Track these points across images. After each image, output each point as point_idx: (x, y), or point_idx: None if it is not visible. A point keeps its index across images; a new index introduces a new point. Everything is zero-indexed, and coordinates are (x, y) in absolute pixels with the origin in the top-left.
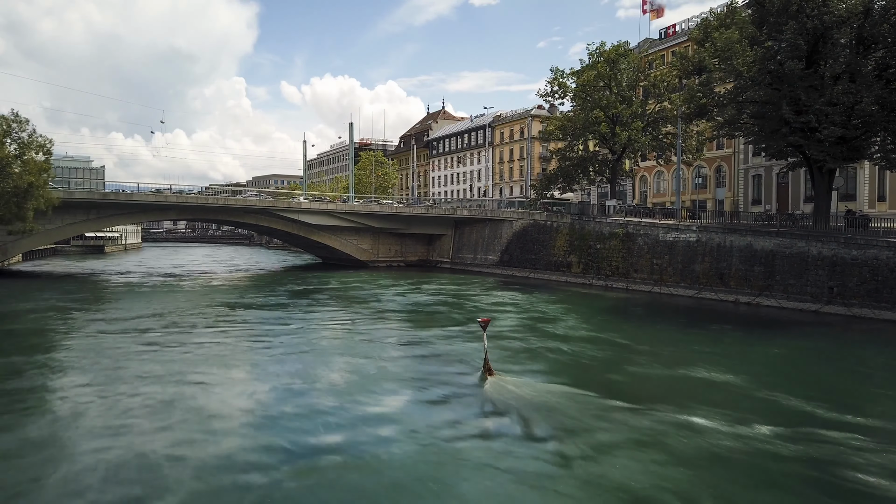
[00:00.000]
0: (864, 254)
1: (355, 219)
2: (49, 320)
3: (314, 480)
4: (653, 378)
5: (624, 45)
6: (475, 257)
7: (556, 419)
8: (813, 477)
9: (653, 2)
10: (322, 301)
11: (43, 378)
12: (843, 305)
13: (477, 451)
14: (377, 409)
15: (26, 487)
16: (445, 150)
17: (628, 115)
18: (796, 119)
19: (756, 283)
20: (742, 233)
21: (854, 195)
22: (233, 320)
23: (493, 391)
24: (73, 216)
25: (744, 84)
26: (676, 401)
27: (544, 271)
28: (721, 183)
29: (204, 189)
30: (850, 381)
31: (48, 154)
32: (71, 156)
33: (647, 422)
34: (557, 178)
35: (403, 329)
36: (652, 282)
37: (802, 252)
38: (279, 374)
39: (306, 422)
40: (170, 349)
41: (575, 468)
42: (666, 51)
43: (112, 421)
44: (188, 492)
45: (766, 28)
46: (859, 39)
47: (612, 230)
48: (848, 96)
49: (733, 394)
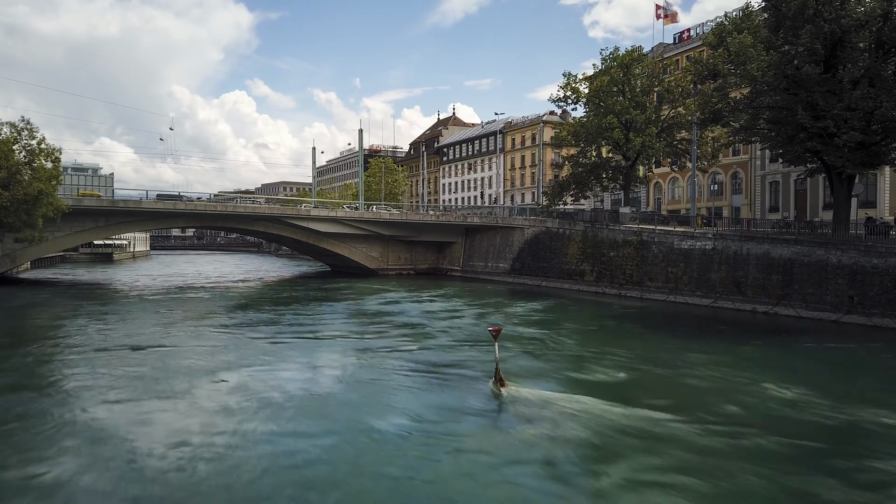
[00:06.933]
0: (885, 262)
1: (364, 226)
2: (69, 334)
3: (320, 489)
4: (665, 388)
5: (638, 49)
6: (486, 265)
7: (570, 430)
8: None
9: (667, 7)
10: (333, 310)
11: (78, 397)
12: (863, 315)
13: (487, 462)
14: (385, 419)
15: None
16: (456, 157)
17: (642, 121)
18: (814, 124)
19: (774, 292)
20: (759, 240)
21: (874, 202)
22: (242, 332)
23: (504, 402)
24: (81, 224)
25: (760, 89)
26: (693, 411)
27: (556, 280)
28: (737, 189)
29: (212, 196)
30: (879, 392)
31: (57, 161)
32: (80, 163)
33: (659, 432)
34: (570, 185)
35: (413, 338)
36: (667, 290)
37: (821, 260)
38: (287, 382)
39: (315, 430)
40: (192, 358)
41: (589, 481)
42: (680, 55)
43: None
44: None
45: (783, 32)
46: (878, 43)
47: (625, 238)
48: (867, 101)
49: (758, 405)
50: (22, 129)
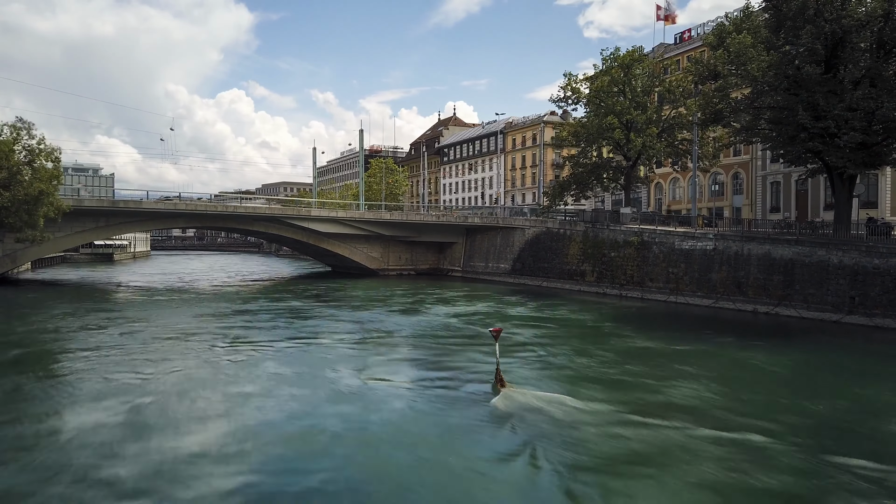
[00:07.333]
0: (886, 263)
1: (365, 226)
2: (71, 334)
3: (321, 489)
4: (666, 389)
5: (638, 50)
6: (487, 265)
7: (570, 432)
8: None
9: (667, 8)
10: (334, 311)
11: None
12: (865, 315)
13: (488, 464)
14: (385, 420)
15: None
16: (456, 157)
17: (643, 121)
18: (815, 125)
19: (775, 293)
20: (760, 241)
21: (875, 202)
22: (242, 333)
23: (505, 403)
24: (82, 224)
25: (760, 89)
26: (695, 414)
27: (557, 280)
28: (738, 190)
29: (213, 196)
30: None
31: (57, 161)
32: (80, 163)
33: (662, 435)
34: (571, 185)
35: (413, 338)
36: (668, 291)
37: (823, 261)
38: (290, 382)
39: (315, 430)
40: (197, 359)
41: (589, 482)
42: (681, 56)
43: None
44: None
45: (783, 32)
46: (879, 43)
47: (626, 238)
48: (868, 101)
49: (758, 406)
50: (22, 130)
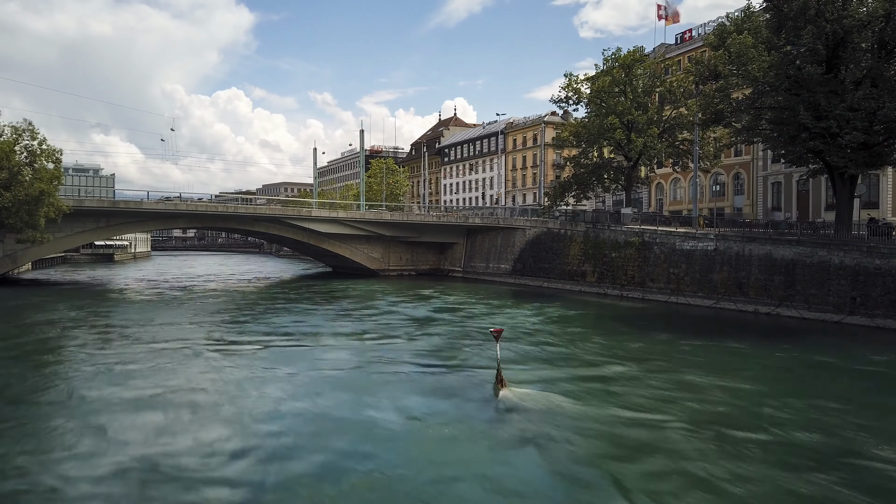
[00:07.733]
0: (887, 263)
1: (366, 227)
2: (70, 336)
3: (321, 489)
4: (667, 390)
5: (639, 50)
6: (487, 266)
7: (571, 432)
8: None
9: (668, 7)
10: (335, 311)
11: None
12: (866, 316)
13: (488, 464)
14: (386, 420)
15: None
16: (457, 158)
17: (644, 122)
18: (816, 125)
19: (776, 293)
20: (761, 241)
21: (877, 203)
22: (242, 334)
23: (506, 403)
24: (83, 224)
25: (761, 89)
26: (694, 413)
27: (558, 280)
28: (739, 190)
29: (213, 197)
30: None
31: (58, 162)
32: (81, 164)
33: (660, 433)
34: (571, 186)
35: (414, 338)
36: (669, 291)
37: (824, 261)
38: (290, 381)
39: (315, 432)
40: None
41: (589, 482)
42: (682, 56)
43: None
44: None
45: (784, 33)
46: (881, 44)
47: (627, 239)
48: (870, 101)
49: (758, 407)
50: (24, 131)
